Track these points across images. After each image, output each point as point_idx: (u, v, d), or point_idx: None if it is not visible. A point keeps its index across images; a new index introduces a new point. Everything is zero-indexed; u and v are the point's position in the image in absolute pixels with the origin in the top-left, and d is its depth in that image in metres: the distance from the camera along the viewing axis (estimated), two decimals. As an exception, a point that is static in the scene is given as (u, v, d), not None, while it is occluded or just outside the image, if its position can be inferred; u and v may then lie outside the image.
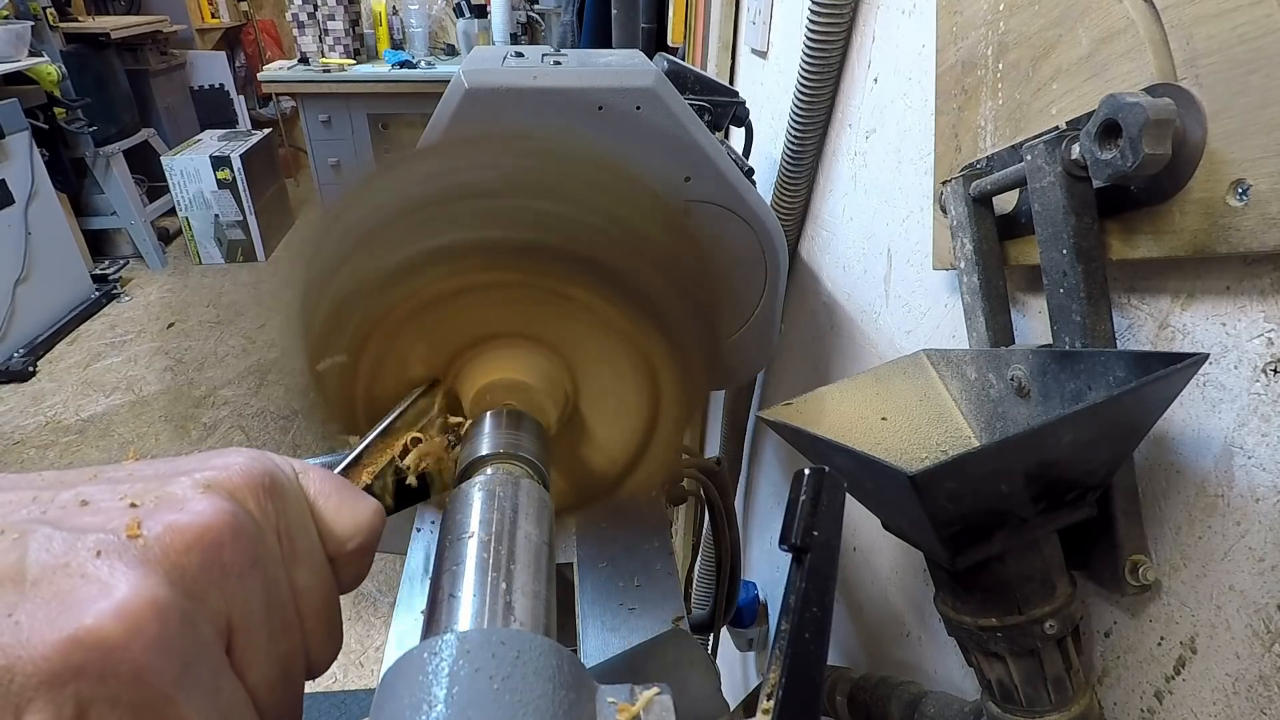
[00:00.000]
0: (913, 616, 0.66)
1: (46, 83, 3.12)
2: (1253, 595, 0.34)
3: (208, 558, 0.20)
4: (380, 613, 1.97)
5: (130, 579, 0.18)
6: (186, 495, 0.21)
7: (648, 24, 1.68)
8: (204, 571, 0.20)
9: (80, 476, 0.22)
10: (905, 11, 0.63)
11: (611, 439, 0.43)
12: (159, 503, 0.21)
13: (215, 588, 0.20)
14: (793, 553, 0.30)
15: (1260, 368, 0.33)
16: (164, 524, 0.20)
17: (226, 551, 0.20)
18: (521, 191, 0.37)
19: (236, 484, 0.23)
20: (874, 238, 0.71)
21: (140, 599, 0.18)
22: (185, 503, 0.21)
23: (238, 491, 0.22)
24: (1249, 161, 0.31)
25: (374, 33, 3.67)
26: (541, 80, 0.55)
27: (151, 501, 0.21)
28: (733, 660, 1.34)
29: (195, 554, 0.20)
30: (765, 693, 0.28)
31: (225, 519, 0.21)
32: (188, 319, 3.37)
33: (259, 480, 0.23)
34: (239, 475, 0.23)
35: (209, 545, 0.20)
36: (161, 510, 0.20)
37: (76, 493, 0.21)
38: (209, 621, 0.20)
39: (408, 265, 0.36)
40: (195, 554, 0.20)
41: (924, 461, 0.47)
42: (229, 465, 0.23)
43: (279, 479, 0.24)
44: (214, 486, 0.22)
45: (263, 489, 0.23)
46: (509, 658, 0.22)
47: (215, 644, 0.20)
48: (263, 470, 0.24)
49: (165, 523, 0.20)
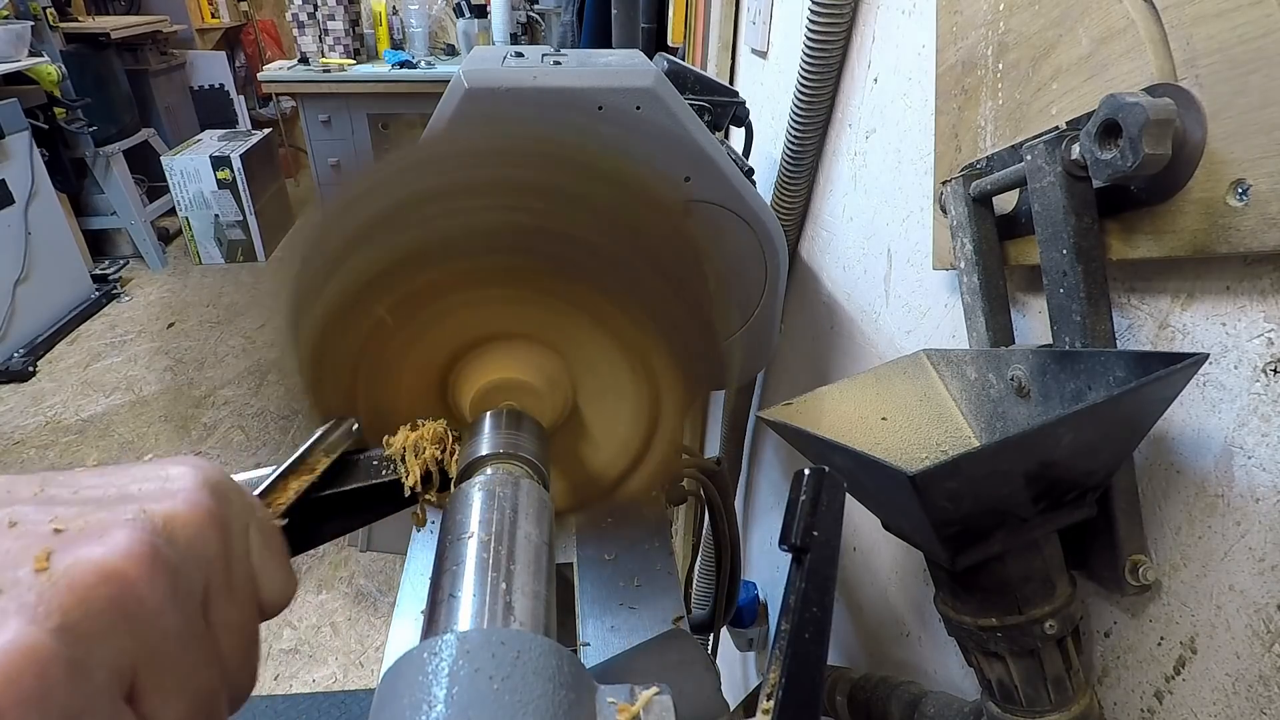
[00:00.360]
0: (913, 616, 0.66)
1: (46, 83, 3.12)
2: (1253, 595, 0.34)
3: (114, 593, 0.19)
4: (380, 613, 1.97)
5: (12, 626, 0.17)
6: (112, 523, 0.20)
7: (648, 24, 1.68)
8: (109, 608, 0.19)
9: (27, 489, 0.21)
10: (905, 11, 0.63)
11: (611, 439, 0.43)
12: (83, 530, 0.20)
13: (121, 626, 0.19)
14: (793, 553, 0.30)
15: (1260, 368, 0.33)
16: (74, 556, 0.19)
17: (140, 587, 0.20)
18: (521, 191, 0.37)
19: (176, 511, 0.22)
20: (874, 238, 0.71)
21: (15, 650, 0.17)
22: (107, 532, 0.20)
23: (174, 518, 0.22)
24: (1249, 161, 0.31)
25: (374, 33, 3.67)
26: (541, 80, 0.55)
27: (78, 528, 0.20)
28: (733, 660, 1.34)
29: (101, 589, 0.19)
30: (765, 693, 0.28)
31: (143, 552, 0.20)
32: (188, 319, 3.37)
33: (204, 509, 0.22)
34: (183, 502, 0.22)
35: (119, 580, 0.19)
36: (80, 540, 0.20)
37: (10, 512, 0.20)
38: (106, 665, 0.19)
39: (405, 266, 0.36)
40: (101, 589, 0.19)
41: (924, 461, 0.47)
42: (175, 492, 0.22)
43: (227, 512, 0.24)
44: (150, 516, 0.21)
45: (208, 516, 0.23)
46: (509, 658, 0.22)
47: (108, 692, 0.19)
48: (212, 499, 0.23)
49: (76, 555, 0.19)
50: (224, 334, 3.25)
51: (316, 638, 1.89)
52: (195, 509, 0.22)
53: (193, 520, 0.22)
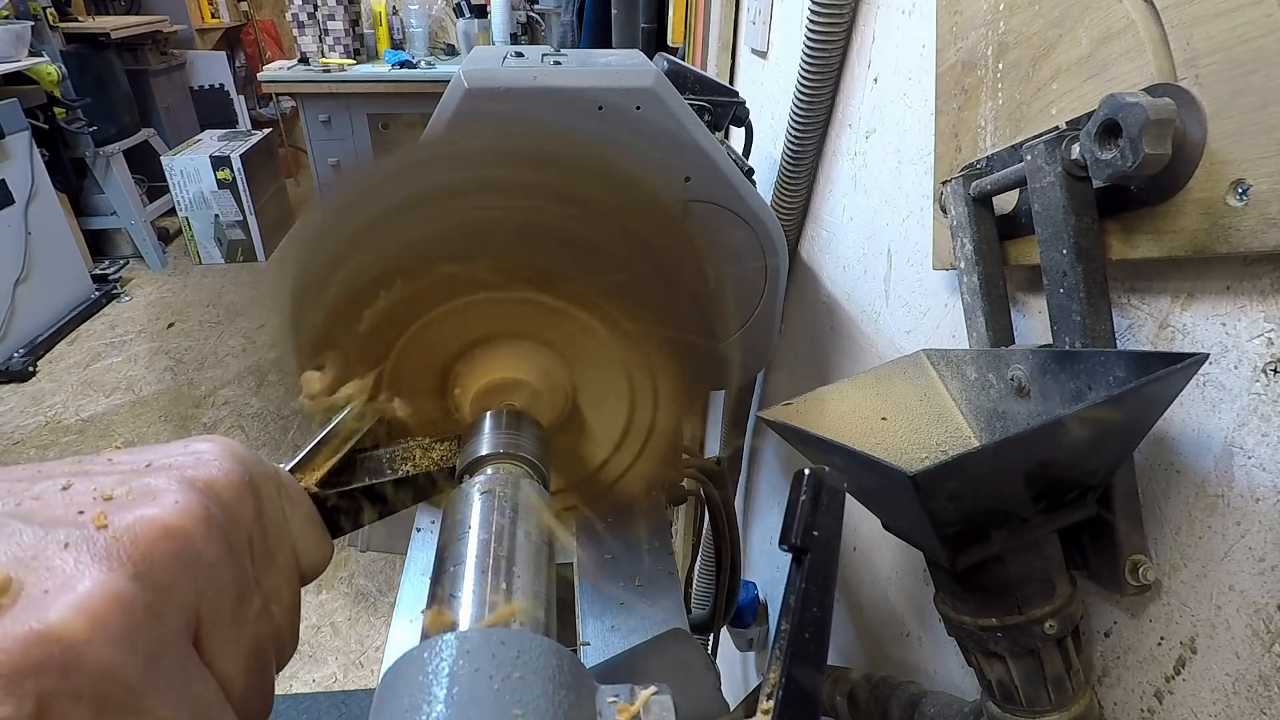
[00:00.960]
0: (913, 616, 0.66)
1: (46, 83, 3.12)
2: (1253, 595, 0.34)
3: (178, 548, 0.20)
4: (380, 613, 1.97)
5: (94, 573, 0.18)
6: (162, 487, 0.21)
7: (648, 24, 1.68)
8: (174, 562, 0.20)
9: (60, 468, 0.22)
10: (905, 11, 0.63)
11: (612, 439, 0.43)
12: (133, 495, 0.21)
13: (185, 578, 0.20)
14: (793, 553, 0.30)
15: (1260, 368, 0.33)
16: (135, 515, 0.20)
17: (197, 542, 0.21)
18: (520, 192, 0.37)
19: (215, 478, 0.23)
20: (874, 238, 0.71)
21: (104, 593, 0.18)
22: (159, 495, 0.21)
23: (215, 485, 0.23)
24: (1249, 161, 0.31)
25: (374, 33, 3.67)
26: (541, 80, 0.55)
27: (126, 494, 0.21)
28: (733, 660, 1.34)
29: (165, 544, 0.20)
30: (765, 693, 0.28)
31: (199, 511, 0.21)
32: (188, 319, 3.36)
33: (237, 476, 0.23)
34: (218, 471, 0.23)
35: (180, 536, 0.20)
36: (135, 502, 0.20)
37: (53, 484, 0.21)
38: (176, 613, 0.20)
39: (407, 266, 0.36)
40: (165, 544, 0.20)
41: (924, 461, 0.47)
42: (209, 462, 0.23)
43: (259, 481, 0.25)
44: (191, 481, 0.22)
45: (241, 484, 0.23)
46: (509, 658, 0.22)
47: (182, 636, 0.20)
48: (243, 469, 0.24)
49: (137, 514, 0.20)
50: (224, 334, 3.25)
51: (316, 638, 1.89)
52: (231, 475, 0.23)
53: (228, 484, 0.23)
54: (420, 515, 0.69)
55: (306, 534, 0.27)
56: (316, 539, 0.27)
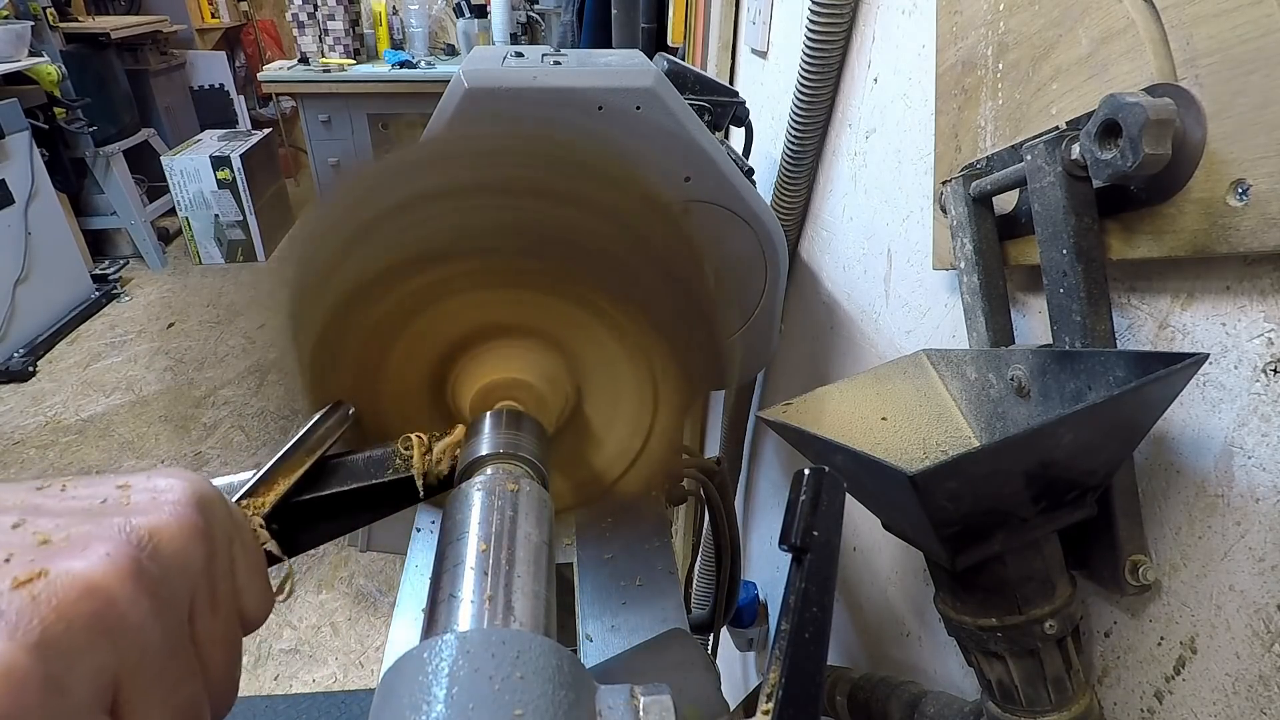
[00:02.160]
0: (913, 616, 0.66)
1: (46, 83, 3.12)
2: (1253, 595, 0.34)
3: (98, 609, 0.19)
4: (380, 613, 1.97)
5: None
6: (98, 536, 0.20)
7: (648, 24, 1.68)
8: (90, 624, 0.19)
9: (13, 498, 0.21)
10: (905, 11, 0.63)
11: (613, 439, 0.43)
12: (65, 543, 0.20)
13: (102, 640, 0.19)
14: (793, 553, 0.30)
15: (1260, 368, 0.33)
16: (59, 570, 0.19)
17: (120, 601, 0.20)
18: (521, 191, 0.37)
19: (163, 525, 0.22)
20: (874, 238, 0.71)
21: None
22: (91, 545, 0.20)
23: (159, 532, 0.22)
24: (1249, 161, 0.31)
25: (374, 33, 3.67)
26: (541, 80, 0.55)
27: (60, 539, 0.20)
28: (733, 660, 1.34)
29: (83, 605, 0.19)
30: (765, 693, 0.28)
31: (125, 566, 0.20)
32: (188, 319, 3.36)
33: (190, 524, 0.23)
34: (170, 514, 0.22)
35: (101, 595, 0.19)
36: (63, 553, 0.20)
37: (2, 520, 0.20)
38: (87, 681, 0.19)
39: (407, 265, 0.36)
40: (83, 605, 0.19)
41: (924, 461, 0.47)
42: (162, 504, 0.22)
43: (212, 527, 0.24)
44: (134, 529, 0.21)
45: (193, 532, 0.23)
46: (509, 658, 0.22)
47: (90, 707, 0.19)
48: (198, 514, 0.23)
49: (61, 569, 0.19)
50: (224, 334, 3.25)
51: (316, 638, 1.89)
52: (181, 523, 0.22)
53: (179, 534, 0.22)
54: (420, 515, 0.69)
55: (252, 584, 0.26)
56: (261, 589, 0.26)
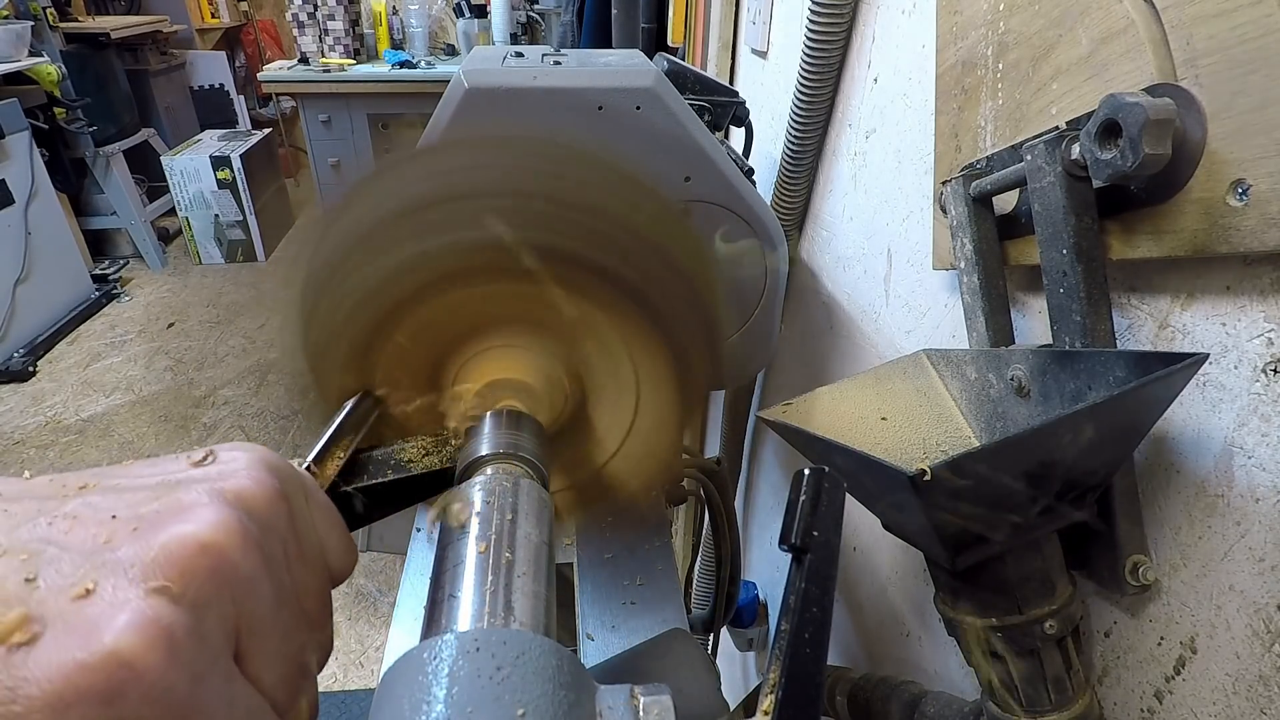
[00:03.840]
0: (913, 616, 0.66)
1: (46, 83, 3.12)
2: (1253, 595, 0.34)
3: (215, 564, 0.20)
4: (380, 613, 1.97)
5: (134, 601, 0.18)
6: (195, 501, 0.21)
7: (648, 24, 1.68)
8: (212, 579, 0.20)
9: (82, 480, 0.22)
10: (905, 11, 0.63)
11: (614, 439, 0.43)
12: (167, 511, 0.21)
13: (224, 594, 0.20)
14: (793, 553, 0.30)
15: (1260, 368, 0.33)
16: (170, 533, 0.20)
17: (234, 556, 0.21)
18: (523, 193, 0.37)
19: (245, 488, 0.23)
20: (874, 238, 0.71)
21: (145, 620, 0.18)
22: (193, 510, 0.21)
23: (245, 495, 0.22)
24: (1249, 161, 0.31)
25: (374, 33, 3.67)
26: (541, 80, 0.55)
27: (158, 510, 0.21)
28: (733, 660, 1.34)
29: (202, 562, 0.20)
30: (765, 693, 0.28)
31: (234, 525, 0.21)
32: (188, 319, 3.36)
33: (269, 485, 0.23)
34: (248, 479, 0.23)
35: (216, 552, 0.20)
36: (169, 519, 0.20)
37: (82, 503, 0.21)
38: (217, 629, 0.20)
39: (411, 266, 0.36)
40: (202, 562, 0.20)
41: (924, 461, 0.47)
42: (240, 471, 0.23)
43: (288, 486, 0.25)
44: (223, 494, 0.22)
45: (274, 493, 0.23)
46: (509, 658, 0.22)
47: (224, 653, 0.20)
48: (272, 476, 0.24)
49: (172, 532, 0.20)
50: (224, 334, 3.25)
51: (316, 638, 1.88)
52: (262, 484, 0.23)
53: (261, 494, 0.23)
54: (420, 515, 0.69)
55: (332, 537, 0.27)
56: (343, 542, 0.28)
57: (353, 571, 0.28)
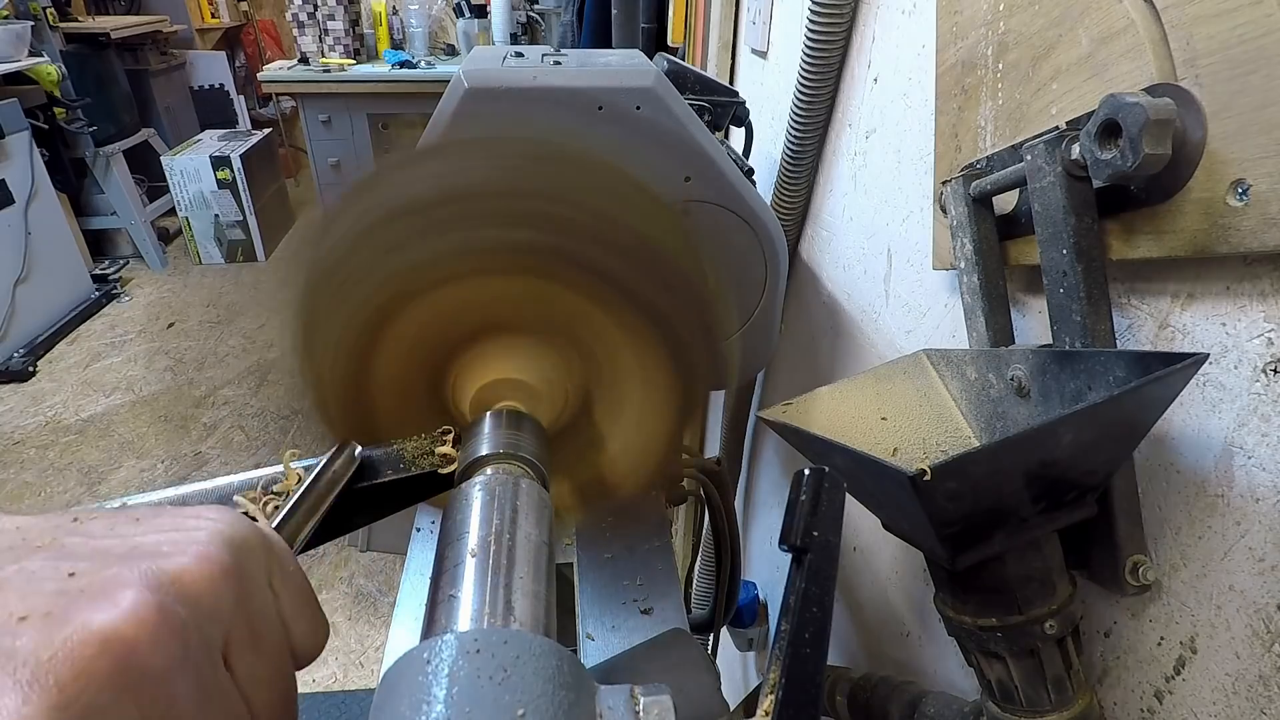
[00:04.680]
0: (913, 616, 0.66)
1: (46, 83, 3.12)
2: (1253, 595, 0.34)
3: (118, 663, 0.18)
4: (380, 613, 1.97)
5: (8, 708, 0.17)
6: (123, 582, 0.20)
7: (648, 24, 1.68)
8: (112, 679, 0.18)
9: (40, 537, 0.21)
10: (905, 11, 0.63)
11: (615, 439, 0.43)
12: (88, 590, 0.19)
13: (128, 695, 0.18)
14: (793, 553, 0.30)
15: (1260, 368, 0.33)
16: (75, 625, 0.18)
17: (142, 652, 0.19)
18: (525, 193, 0.37)
19: (186, 570, 0.21)
20: (874, 238, 0.71)
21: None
22: (113, 592, 0.19)
23: (184, 577, 0.21)
24: (1249, 161, 0.31)
25: (374, 33, 3.67)
26: (541, 80, 0.55)
27: (81, 589, 0.19)
28: (733, 660, 1.34)
29: (102, 661, 0.18)
30: (765, 693, 0.28)
31: (148, 614, 0.19)
32: (188, 319, 3.37)
33: (218, 562, 0.22)
34: (194, 556, 0.21)
35: (121, 648, 0.18)
36: (83, 603, 0.19)
37: (18, 569, 0.19)
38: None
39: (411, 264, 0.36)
40: (102, 661, 0.18)
41: (924, 461, 0.47)
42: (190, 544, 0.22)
43: (245, 564, 0.23)
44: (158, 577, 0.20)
45: (221, 570, 0.22)
46: (509, 658, 0.22)
47: None
48: (226, 552, 0.22)
49: (77, 624, 0.18)
50: (224, 334, 3.25)
51: (316, 638, 1.88)
52: (208, 564, 0.21)
53: (203, 575, 0.21)
54: (420, 515, 0.69)
55: (300, 615, 0.25)
56: (312, 621, 0.26)
57: (321, 650, 0.26)
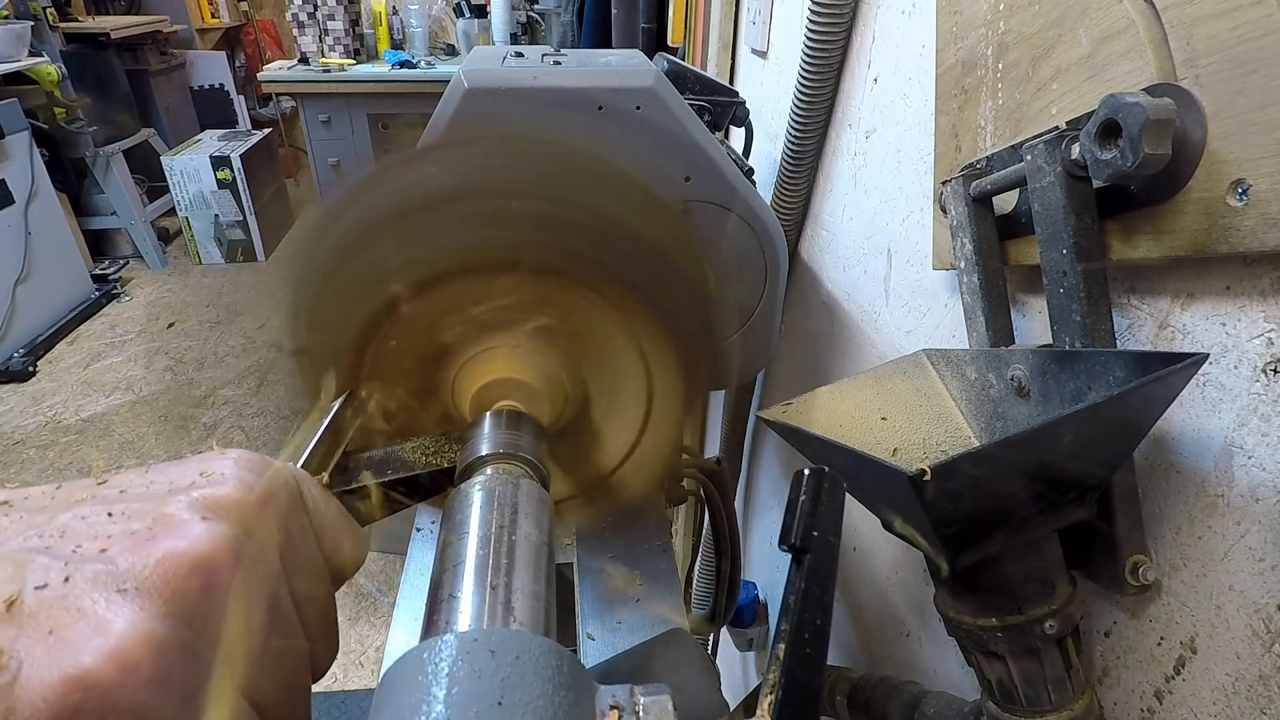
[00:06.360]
0: (913, 616, 0.66)
1: (46, 83, 3.12)
2: (1253, 595, 0.34)
3: (208, 584, 0.20)
4: (380, 613, 1.97)
5: (127, 615, 0.18)
6: (184, 518, 0.21)
7: (648, 24, 1.68)
8: (205, 597, 0.20)
9: (74, 494, 0.22)
10: (905, 11, 0.63)
11: (617, 439, 0.43)
12: (156, 526, 0.20)
13: (216, 611, 0.20)
14: (793, 553, 0.30)
15: (1260, 368, 0.33)
16: (162, 550, 0.20)
17: (224, 573, 0.20)
18: (525, 193, 0.37)
19: (233, 500, 0.22)
20: (874, 238, 0.71)
21: (137, 636, 0.18)
22: (182, 526, 0.21)
23: (234, 509, 0.22)
24: (1249, 161, 0.31)
25: (374, 33, 3.67)
26: (541, 80, 0.55)
27: (149, 525, 0.20)
28: (733, 660, 1.34)
29: (195, 581, 0.20)
30: (765, 693, 0.28)
31: (224, 543, 0.21)
32: (188, 319, 3.36)
33: (256, 495, 0.23)
34: (235, 491, 0.23)
35: (207, 569, 0.20)
36: (160, 535, 0.20)
37: (72, 515, 0.21)
38: (210, 647, 0.20)
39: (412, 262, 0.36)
40: (195, 581, 0.20)
41: (924, 461, 0.47)
42: (225, 480, 0.23)
43: (277, 492, 0.24)
44: (211, 506, 0.22)
45: (260, 503, 0.23)
46: (509, 658, 0.22)
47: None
48: (260, 484, 0.24)
49: (164, 548, 0.20)
50: (224, 334, 3.25)
51: (316, 638, 1.88)
52: (248, 494, 0.23)
53: (248, 504, 0.23)
54: (420, 515, 0.69)
55: (337, 531, 0.27)
56: (350, 540, 0.27)
57: (362, 563, 0.27)
